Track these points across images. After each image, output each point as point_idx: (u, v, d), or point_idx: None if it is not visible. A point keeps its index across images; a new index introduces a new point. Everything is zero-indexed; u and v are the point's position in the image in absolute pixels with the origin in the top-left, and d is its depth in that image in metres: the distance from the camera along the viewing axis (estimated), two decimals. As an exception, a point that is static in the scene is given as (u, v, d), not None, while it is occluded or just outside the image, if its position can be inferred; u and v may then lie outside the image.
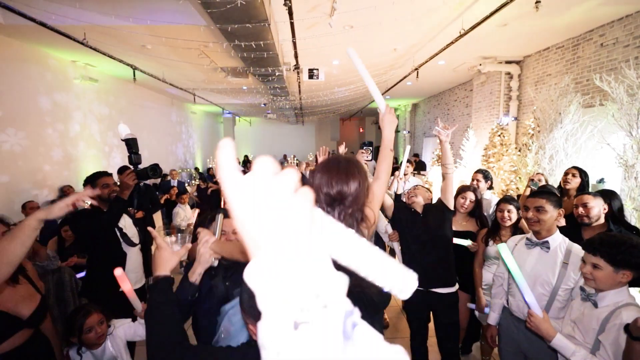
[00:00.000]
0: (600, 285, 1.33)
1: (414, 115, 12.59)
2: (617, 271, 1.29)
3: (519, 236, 1.97)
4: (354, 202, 1.04)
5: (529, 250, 1.81)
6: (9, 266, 1.08)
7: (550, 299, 1.68)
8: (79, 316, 1.62)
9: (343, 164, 1.08)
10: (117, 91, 7.49)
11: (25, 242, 1.11)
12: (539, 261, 1.75)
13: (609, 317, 1.29)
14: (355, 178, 1.04)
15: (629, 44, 4.02)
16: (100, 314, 1.68)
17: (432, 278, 2.14)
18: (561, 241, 1.75)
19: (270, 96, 8.14)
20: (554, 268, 1.69)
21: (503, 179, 5.42)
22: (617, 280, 1.30)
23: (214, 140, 15.75)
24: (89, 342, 1.62)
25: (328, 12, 3.83)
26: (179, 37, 4.70)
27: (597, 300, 1.36)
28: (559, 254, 1.71)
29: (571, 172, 2.95)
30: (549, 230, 1.77)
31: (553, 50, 5.32)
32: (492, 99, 6.48)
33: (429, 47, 5.21)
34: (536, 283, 1.71)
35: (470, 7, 3.78)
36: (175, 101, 10.64)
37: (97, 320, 1.64)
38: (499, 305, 1.96)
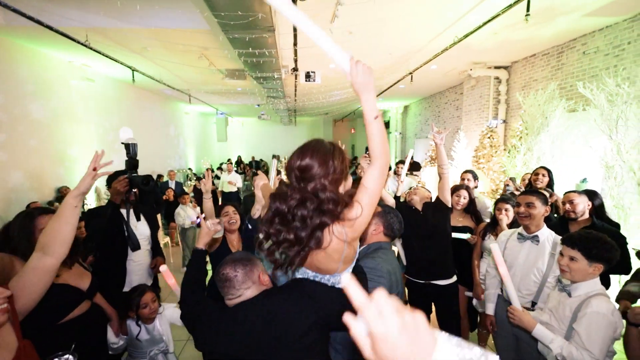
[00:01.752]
0: (575, 276, 1.51)
1: (405, 117, 12.86)
2: (590, 264, 1.46)
3: (510, 230, 2.17)
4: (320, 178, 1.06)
5: (521, 244, 2.00)
6: (63, 245, 1.17)
7: (540, 286, 1.87)
8: (136, 294, 1.93)
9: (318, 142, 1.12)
10: (113, 91, 7.48)
11: (69, 220, 1.18)
12: (530, 253, 1.95)
13: (580, 306, 1.46)
14: (323, 155, 1.07)
15: (608, 52, 4.31)
16: (153, 293, 1.98)
17: (432, 271, 2.31)
18: (548, 235, 1.96)
19: (267, 97, 8.24)
20: (544, 259, 1.88)
21: (493, 179, 5.68)
22: (589, 272, 1.47)
23: (207, 140, 15.71)
24: (144, 316, 1.91)
25: (329, 19, 3.99)
26: (182, 40, 4.78)
27: (571, 291, 1.53)
28: (547, 246, 1.91)
29: (541, 172, 3.19)
30: (538, 226, 1.97)
31: (539, 57, 5.61)
32: (482, 102, 6.75)
33: (423, 52, 5.43)
34: (529, 273, 1.91)
35: (463, 16, 4.00)
36: (169, 102, 10.63)
37: (151, 298, 1.94)
38: (493, 295, 2.14)
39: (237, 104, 11.31)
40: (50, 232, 1.17)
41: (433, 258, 2.30)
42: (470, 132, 7.05)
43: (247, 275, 1.16)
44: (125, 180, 2.21)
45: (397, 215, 1.59)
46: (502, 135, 6.45)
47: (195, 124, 13.86)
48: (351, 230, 1.07)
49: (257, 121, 16.61)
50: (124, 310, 1.93)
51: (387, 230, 1.55)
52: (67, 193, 5.40)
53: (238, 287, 1.16)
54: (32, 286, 1.10)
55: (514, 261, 1.97)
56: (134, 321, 1.92)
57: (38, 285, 1.12)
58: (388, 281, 1.36)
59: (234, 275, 1.16)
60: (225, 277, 1.17)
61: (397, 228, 1.57)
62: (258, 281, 1.17)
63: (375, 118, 1.05)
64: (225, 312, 1.15)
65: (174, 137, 11.27)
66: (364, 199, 1.07)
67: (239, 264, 1.19)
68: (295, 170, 1.11)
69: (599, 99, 3.43)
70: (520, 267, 1.94)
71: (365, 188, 1.09)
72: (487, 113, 6.61)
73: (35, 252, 1.15)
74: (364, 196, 1.08)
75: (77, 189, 1.23)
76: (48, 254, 1.14)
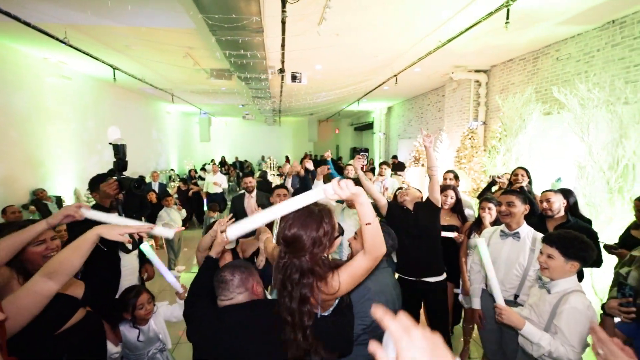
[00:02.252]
0: (553, 273, 1.59)
1: (389, 118, 13.09)
2: (567, 261, 1.55)
3: (493, 228, 2.28)
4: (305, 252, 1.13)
5: (503, 241, 2.12)
6: (67, 277, 1.16)
7: (522, 280, 1.99)
8: (131, 295, 1.88)
9: (308, 211, 1.16)
10: (91, 90, 7.22)
11: (84, 255, 1.18)
12: (512, 249, 2.07)
13: (559, 302, 1.56)
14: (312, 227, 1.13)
15: (580, 59, 4.58)
16: (148, 293, 1.93)
17: (422, 268, 2.40)
18: (528, 231, 2.08)
19: (252, 98, 8.19)
20: (525, 254, 2.01)
21: (474, 179, 5.89)
22: (566, 269, 1.56)
23: (190, 140, 15.40)
24: (140, 318, 1.87)
25: (317, 21, 4.03)
26: (166, 39, 4.69)
27: (550, 288, 1.62)
28: (527, 242, 2.04)
29: (520, 173, 3.37)
30: (518, 223, 2.10)
31: (516, 62, 5.86)
32: (463, 105, 6.99)
33: (407, 55, 5.56)
34: (512, 267, 2.02)
35: (446, 22, 4.14)
36: (150, 101, 10.36)
37: (147, 299, 1.90)
38: (478, 290, 2.25)
39: (221, 104, 11.17)
40: (62, 260, 1.14)
41: (424, 256, 2.39)
42: (452, 133, 7.28)
43: (242, 281, 1.25)
44: (115, 182, 2.15)
45: (389, 234, 1.62)
46: (482, 137, 6.70)
47: (178, 124, 13.56)
48: (326, 296, 1.17)
49: (240, 121, 16.44)
50: (118, 313, 1.89)
51: None
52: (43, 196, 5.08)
53: (232, 290, 1.24)
54: (29, 309, 1.08)
55: (498, 257, 2.08)
56: (128, 324, 1.89)
57: (35, 308, 1.10)
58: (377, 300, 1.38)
59: (231, 279, 1.25)
60: (223, 279, 1.25)
61: (391, 245, 1.60)
62: (251, 289, 1.27)
63: (367, 224, 1.13)
64: (214, 311, 1.25)
65: (155, 137, 10.99)
66: (346, 278, 1.16)
67: (237, 269, 1.28)
68: (282, 241, 1.18)
69: (572, 103, 3.65)
70: (503, 263, 2.05)
71: (351, 270, 1.17)
72: (467, 115, 6.85)
73: (40, 275, 1.12)
74: (347, 276, 1.16)
75: (106, 232, 1.21)
76: (53, 280, 1.12)
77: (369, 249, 1.15)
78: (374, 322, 1.35)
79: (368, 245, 1.15)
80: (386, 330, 0.48)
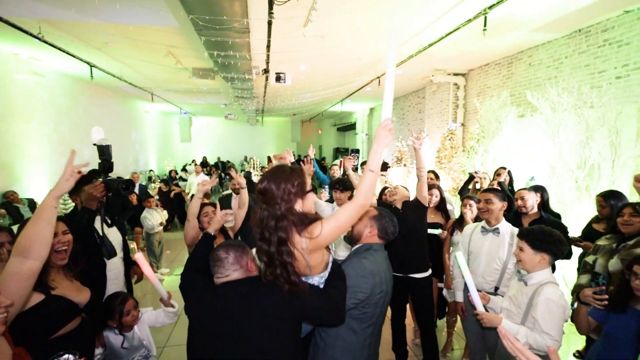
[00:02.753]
0: (525, 265, 1.71)
1: (371, 119, 13.30)
2: (536, 253, 1.67)
3: (474, 224, 2.41)
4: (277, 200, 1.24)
5: (484, 236, 2.25)
6: (45, 246, 1.14)
7: (502, 273, 2.12)
8: (117, 302, 1.84)
9: (279, 168, 1.33)
10: (66, 88, 6.92)
11: (49, 221, 1.17)
12: (492, 244, 2.19)
13: (535, 293, 1.67)
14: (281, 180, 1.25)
15: (550, 65, 4.86)
16: (134, 300, 1.90)
17: (410, 265, 2.50)
18: (507, 227, 2.22)
19: (235, 97, 8.11)
20: (504, 248, 2.14)
21: (453, 178, 6.12)
22: (536, 261, 1.68)
23: (169, 140, 15.02)
24: (126, 324, 1.84)
25: (302, 23, 4.07)
26: (148, 37, 4.59)
27: (526, 280, 1.74)
28: (506, 237, 2.17)
29: (502, 172, 3.56)
30: (497, 219, 2.23)
31: (492, 66, 6.14)
32: (443, 107, 7.23)
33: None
34: (492, 261, 2.15)
35: (427, 27, 4.30)
36: (128, 100, 10.03)
37: (133, 305, 1.88)
38: (461, 284, 2.37)
39: (203, 103, 10.98)
40: (30, 235, 1.13)
41: (411, 253, 2.49)
42: (433, 134, 7.51)
43: (236, 259, 1.32)
44: (102, 185, 2.10)
45: (391, 220, 1.64)
46: (461, 138, 6.96)
47: (157, 124, 13.19)
48: (312, 242, 1.23)
49: (222, 121, 16.20)
50: (103, 320, 1.85)
51: (381, 234, 1.61)
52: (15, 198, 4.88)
53: (227, 267, 1.31)
54: (15, 292, 1.06)
55: (479, 251, 2.21)
56: (113, 331, 1.85)
57: (21, 290, 1.08)
58: (371, 280, 1.43)
59: (225, 257, 1.32)
60: (218, 257, 1.33)
61: (392, 231, 1.63)
62: (245, 267, 1.33)
63: (370, 170, 1.25)
64: (212, 288, 1.32)
65: (134, 137, 10.66)
66: (329, 224, 1.23)
67: (232, 248, 1.35)
68: (257, 194, 1.30)
69: (544, 107, 3.88)
70: (484, 257, 2.18)
71: (336, 216, 1.26)
72: (447, 116, 7.09)
73: (14, 257, 1.11)
74: (330, 222, 1.24)
75: (58, 190, 1.22)
76: (29, 258, 1.11)
77: (359, 194, 1.24)
78: (367, 299, 1.42)
79: (361, 190, 1.24)
80: None
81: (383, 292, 1.48)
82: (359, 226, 1.61)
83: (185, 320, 1.34)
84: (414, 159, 7.52)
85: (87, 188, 2.13)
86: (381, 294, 1.47)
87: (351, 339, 1.44)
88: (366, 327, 1.46)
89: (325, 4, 3.48)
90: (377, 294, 1.45)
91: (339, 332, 1.43)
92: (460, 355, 2.95)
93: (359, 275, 1.44)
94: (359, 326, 1.44)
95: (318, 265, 1.32)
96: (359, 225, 1.61)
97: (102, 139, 2.35)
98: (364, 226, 1.60)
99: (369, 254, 1.55)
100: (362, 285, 1.41)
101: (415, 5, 3.70)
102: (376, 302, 1.46)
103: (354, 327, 1.44)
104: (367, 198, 1.24)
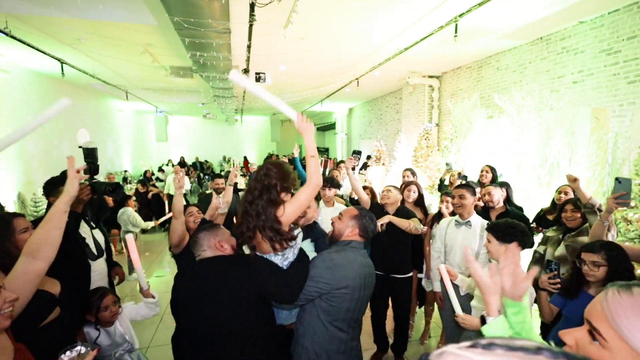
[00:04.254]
0: (493, 255, 1.84)
1: (350, 119, 13.53)
2: (501, 244, 1.79)
3: (449, 218, 2.59)
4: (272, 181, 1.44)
5: (458, 229, 2.43)
6: (53, 248, 1.21)
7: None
8: (96, 297, 1.84)
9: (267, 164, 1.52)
10: (34, 85, 6.59)
11: (58, 225, 1.24)
12: (465, 235, 2.38)
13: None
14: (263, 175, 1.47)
15: (515, 69, 5.21)
16: (114, 295, 1.90)
17: (393, 266, 2.64)
18: (478, 220, 2.41)
19: (214, 97, 8.03)
20: (475, 239, 2.32)
21: (429, 176, 6.39)
22: (502, 251, 1.74)
23: (144, 140, 14.55)
24: (104, 320, 1.84)
25: (283, 24, 4.14)
26: (123, 34, 4.49)
27: None
28: (477, 229, 2.36)
29: (485, 170, 3.82)
30: (469, 213, 2.41)
31: (464, 70, 6.47)
32: (419, 107, 7.52)
33: (368, 60, 5.88)
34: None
35: (403, 32, 4.49)
36: (100, 98, 9.65)
37: (112, 301, 1.87)
38: (437, 274, 2.54)
39: (180, 102, 10.74)
40: (40, 237, 1.19)
41: (395, 256, 2.63)
42: (409, 134, 7.79)
43: (205, 239, 1.55)
44: (88, 188, 2.10)
45: (372, 219, 1.68)
46: (436, 137, 7.27)
47: (131, 123, 12.75)
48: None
49: (200, 120, 15.89)
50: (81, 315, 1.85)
51: (362, 232, 1.64)
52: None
53: (199, 247, 1.55)
54: (21, 289, 1.10)
55: (454, 243, 2.38)
56: (92, 326, 1.85)
57: (28, 289, 1.13)
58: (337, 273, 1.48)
59: (197, 238, 1.57)
60: (194, 239, 1.58)
61: (372, 230, 1.66)
62: (214, 246, 1.54)
63: (311, 156, 1.46)
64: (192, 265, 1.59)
65: (107, 136, 10.26)
66: (291, 206, 1.43)
67: (203, 230, 1.60)
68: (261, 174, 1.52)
69: (510, 109, 4.17)
70: (458, 248, 2.36)
71: (296, 198, 1.45)
72: (423, 117, 7.38)
73: (24, 256, 1.16)
74: (292, 203, 1.44)
75: (66, 194, 1.28)
76: (38, 259, 1.16)
77: (310, 176, 1.44)
78: (331, 291, 1.47)
79: (309, 173, 1.45)
80: None
81: (349, 289, 1.48)
82: (339, 225, 1.64)
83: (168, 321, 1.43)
84: (392, 158, 7.75)
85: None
86: (346, 289, 1.48)
87: (320, 329, 1.49)
88: (333, 320, 1.50)
89: (305, 6, 3.57)
90: (341, 288, 1.47)
91: (310, 320, 1.51)
92: (437, 342, 3.14)
93: (325, 266, 1.49)
94: (325, 318, 1.49)
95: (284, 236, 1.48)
96: (339, 225, 1.64)
97: (88, 141, 2.33)
98: (345, 226, 1.63)
99: (343, 249, 1.58)
100: (325, 276, 1.46)
101: (392, 11, 3.87)
102: (341, 296, 1.47)
103: (321, 318, 1.49)
104: (319, 178, 1.45)
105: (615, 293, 0.70)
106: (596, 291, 1.63)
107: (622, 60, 3.72)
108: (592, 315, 0.73)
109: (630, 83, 3.66)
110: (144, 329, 3.24)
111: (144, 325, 3.25)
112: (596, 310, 0.72)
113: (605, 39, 3.89)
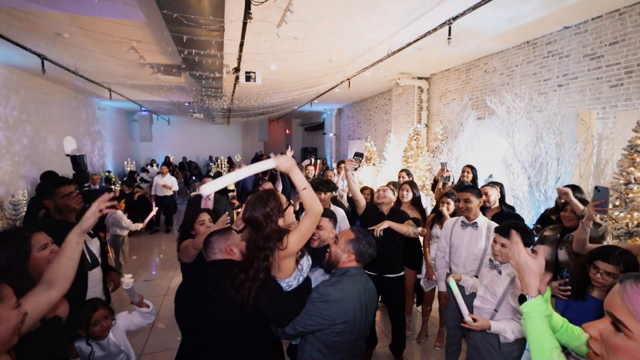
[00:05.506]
0: (505, 259, 1.83)
1: (339, 119, 13.56)
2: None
3: (454, 218, 2.60)
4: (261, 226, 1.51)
5: (464, 230, 2.45)
6: (66, 281, 1.24)
7: (480, 262, 2.33)
8: (86, 310, 1.76)
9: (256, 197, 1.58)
10: (8, 82, 6.26)
11: (71, 257, 1.27)
12: (472, 236, 2.40)
13: (511, 283, 1.80)
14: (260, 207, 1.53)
15: (503, 72, 5.35)
16: (106, 309, 1.81)
17: (385, 267, 2.64)
18: (484, 221, 2.43)
19: (202, 96, 7.86)
20: (482, 240, 2.35)
21: (419, 177, 6.47)
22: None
23: (127, 140, 14.11)
24: (95, 335, 1.78)
25: (277, 23, 4.09)
26: (109, 30, 4.32)
27: (501, 269, 1.88)
28: (483, 230, 2.38)
29: (466, 170, 3.89)
30: (475, 214, 2.43)
31: (452, 72, 6.59)
32: (408, 108, 7.60)
33: (359, 61, 5.90)
34: (471, 252, 2.36)
35: (395, 34, 4.53)
36: (80, 95, 9.27)
37: (103, 315, 1.80)
38: (443, 274, 2.53)
39: (165, 101, 10.47)
40: (55, 268, 1.23)
41: (388, 256, 2.63)
42: (399, 135, 7.87)
43: (217, 242, 1.58)
44: (79, 196, 2.02)
45: (369, 242, 1.60)
46: (425, 138, 7.37)
47: (113, 122, 12.32)
48: (282, 252, 1.49)
49: (185, 120, 15.54)
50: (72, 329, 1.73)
51: (359, 258, 1.58)
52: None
53: (210, 249, 1.58)
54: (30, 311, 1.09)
55: (460, 244, 2.41)
56: (84, 341, 1.76)
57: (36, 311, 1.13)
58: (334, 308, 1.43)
59: (210, 241, 1.60)
60: (206, 241, 1.62)
61: (370, 254, 1.60)
62: (224, 250, 1.57)
63: (303, 189, 1.48)
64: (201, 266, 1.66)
65: (87, 135, 9.88)
66: (294, 236, 1.48)
67: (215, 234, 1.63)
68: (246, 222, 1.59)
69: (500, 110, 4.27)
70: (464, 248, 2.38)
71: (299, 228, 1.50)
72: (412, 118, 7.48)
73: (42, 284, 1.19)
74: (295, 234, 1.49)
75: (80, 227, 1.29)
76: (53, 289, 1.19)
77: (308, 209, 1.48)
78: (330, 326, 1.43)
79: (307, 205, 1.48)
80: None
81: (348, 323, 1.45)
82: (336, 250, 1.58)
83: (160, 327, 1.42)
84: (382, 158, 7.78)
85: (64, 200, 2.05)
86: (344, 323, 1.44)
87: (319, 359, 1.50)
88: (335, 353, 1.49)
89: (300, 6, 3.54)
90: (339, 323, 1.43)
91: (311, 352, 1.50)
92: (434, 341, 3.17)
93: (322, 301, 1.44)
94: (327, 352, 1.48)
95: (286, 271, 1.54)
96: (335, 249, 1.59)
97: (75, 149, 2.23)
98: (341, 251, 1.57)
99: (340, 280, 1.52)
100: (322, 312, 1.42)
101: (385, 12, 3.89)
102: (340, 331, 1.44)
103: (322, 350, 1.48)
104: (318, 206, 1.49)
105: (633, 285, 0.72)
106: (600, 294, 1.64)
107: (605, 65, 3.88)
108: (613, 308, 0.75)
109: (613, 87, 3.82)
110: (135, 335, 3.13)
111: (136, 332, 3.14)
112: (617, 303, 0.74)
113: (588, 44, 4.04)
